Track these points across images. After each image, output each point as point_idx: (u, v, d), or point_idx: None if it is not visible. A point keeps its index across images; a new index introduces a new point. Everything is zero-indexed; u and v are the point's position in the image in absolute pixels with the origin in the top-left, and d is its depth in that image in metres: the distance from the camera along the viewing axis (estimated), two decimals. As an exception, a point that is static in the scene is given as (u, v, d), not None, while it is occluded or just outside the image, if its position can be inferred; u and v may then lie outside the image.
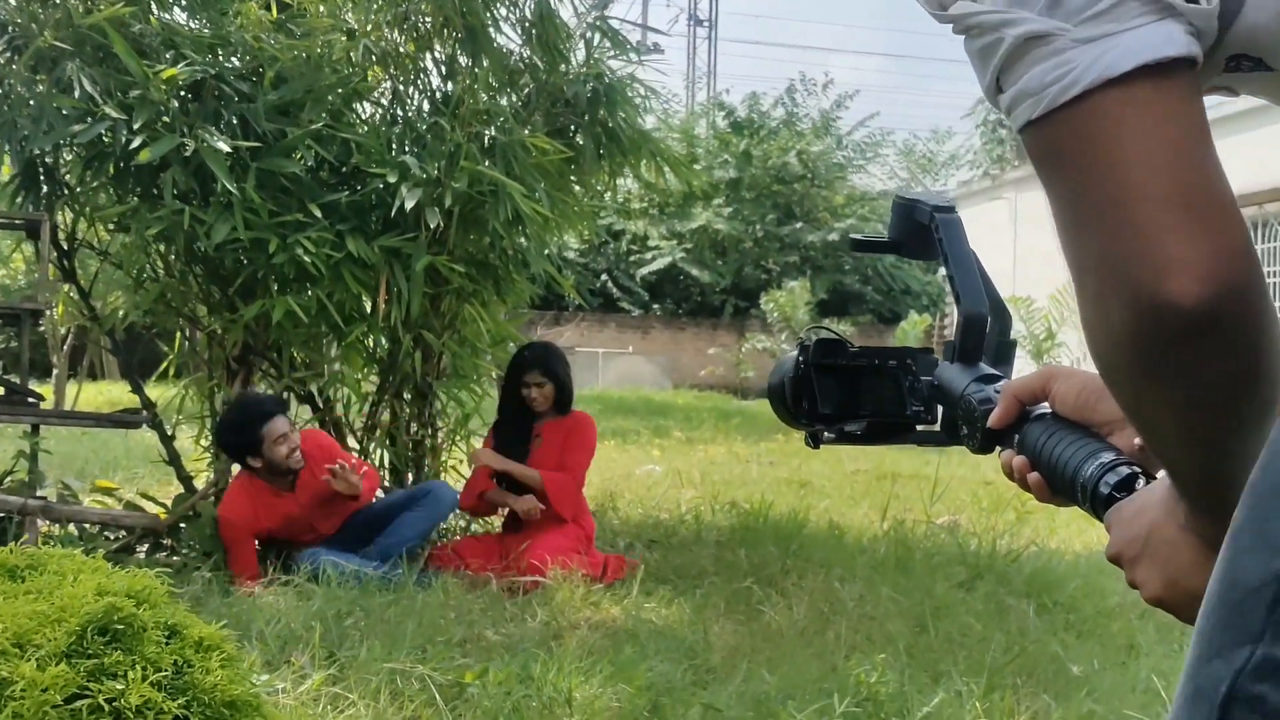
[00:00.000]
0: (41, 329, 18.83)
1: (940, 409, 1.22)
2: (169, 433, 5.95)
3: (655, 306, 28.66)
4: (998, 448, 1.11)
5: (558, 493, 5.60)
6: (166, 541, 5.53)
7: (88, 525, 5.28)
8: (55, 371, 16.09)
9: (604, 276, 28.07)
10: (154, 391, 6.33)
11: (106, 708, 1.65)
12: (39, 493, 5.53)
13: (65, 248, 5.96)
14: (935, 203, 1.21)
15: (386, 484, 6.22)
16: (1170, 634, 4.57)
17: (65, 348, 18.23)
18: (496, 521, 6.09)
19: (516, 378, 5.83)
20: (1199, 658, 0.77)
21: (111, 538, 5.40)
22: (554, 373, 5.78)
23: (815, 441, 1.28)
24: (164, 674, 1.71)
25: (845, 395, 1.25)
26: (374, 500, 5.61)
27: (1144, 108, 0.80)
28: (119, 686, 1.66)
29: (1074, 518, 7.96)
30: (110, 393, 15.28)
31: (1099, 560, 6.19)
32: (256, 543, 5.37)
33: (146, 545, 5.48)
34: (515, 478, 5.63)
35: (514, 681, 3.46)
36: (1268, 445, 0.79)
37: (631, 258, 28.52)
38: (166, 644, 1.77)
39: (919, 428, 1.24)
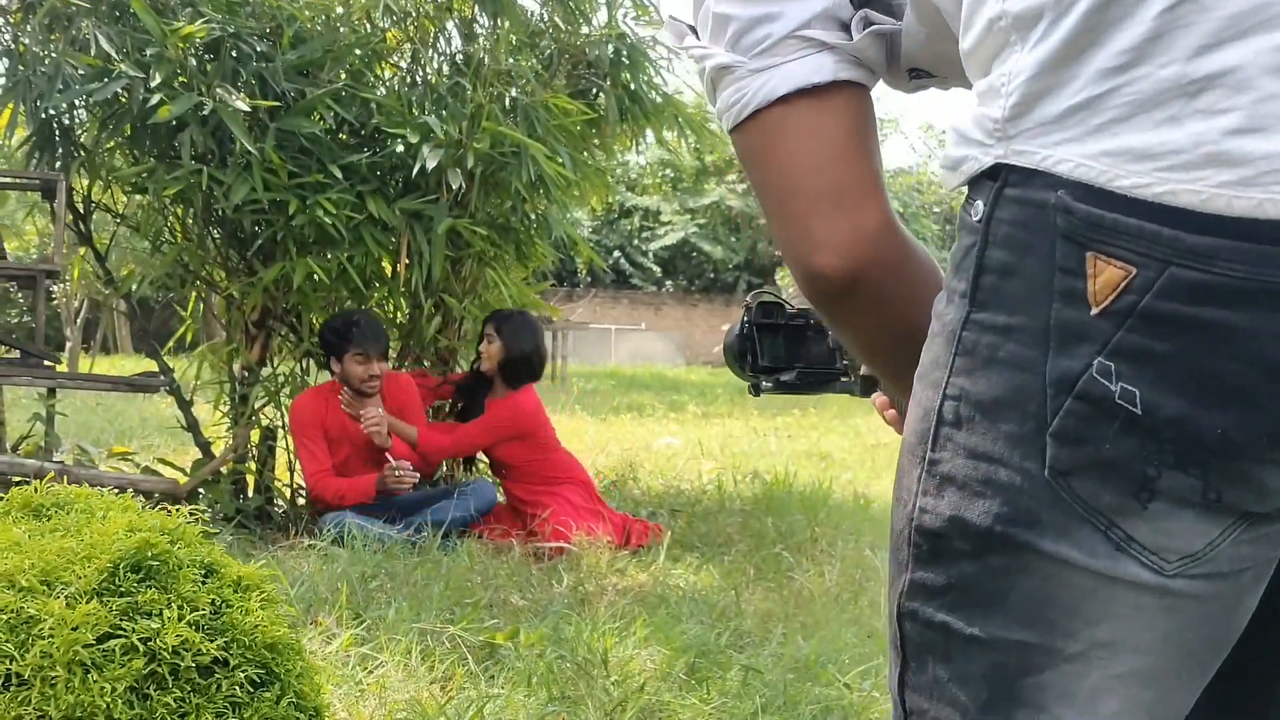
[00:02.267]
0: (55, 302, 18.81)
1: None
2: (187, 398, 5.86)
3: (668, 283, 28.57)
4: (877, 392, 1.30)
5: (425, 453, 5.48)
6: (186, 506, 5.44)
7: (105, 490, 5.20)
8: (69, 344, 16.07)
9: (616, 253, 27.96)
10: (170, 364, 6.24)
11: (141, 648, 1.55)
12: (55, 457, 5.44)
13: (81, 211, 5.86)
14: None
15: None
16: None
17: (79, 320, 18.20)
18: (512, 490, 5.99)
19: (481, 331, 5.76)
20: (888, 571, 0.98)
21: (135, 501, 5.31)
22: (502, 331, 5.63)
23: (756, 390, 1.45)
24: (201, 614, 1.62)
25: (782, 350, 1.42)
26: (414, 489, 5.56)
27: (798, 122, 1.00)
28: (154, 625, 1.57)
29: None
30: (124, 366, 15.21)
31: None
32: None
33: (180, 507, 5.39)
34: (400, 434, 5.51)
35: (545, 643, 3.37)
36: (912, 401, 0.95)
37: (644, 233, 28.41)
38: (203, 583, 1.68)
39: (843, 379, 1.41)
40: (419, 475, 5.37)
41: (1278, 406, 0.78)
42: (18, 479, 5.04)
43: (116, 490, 4.82)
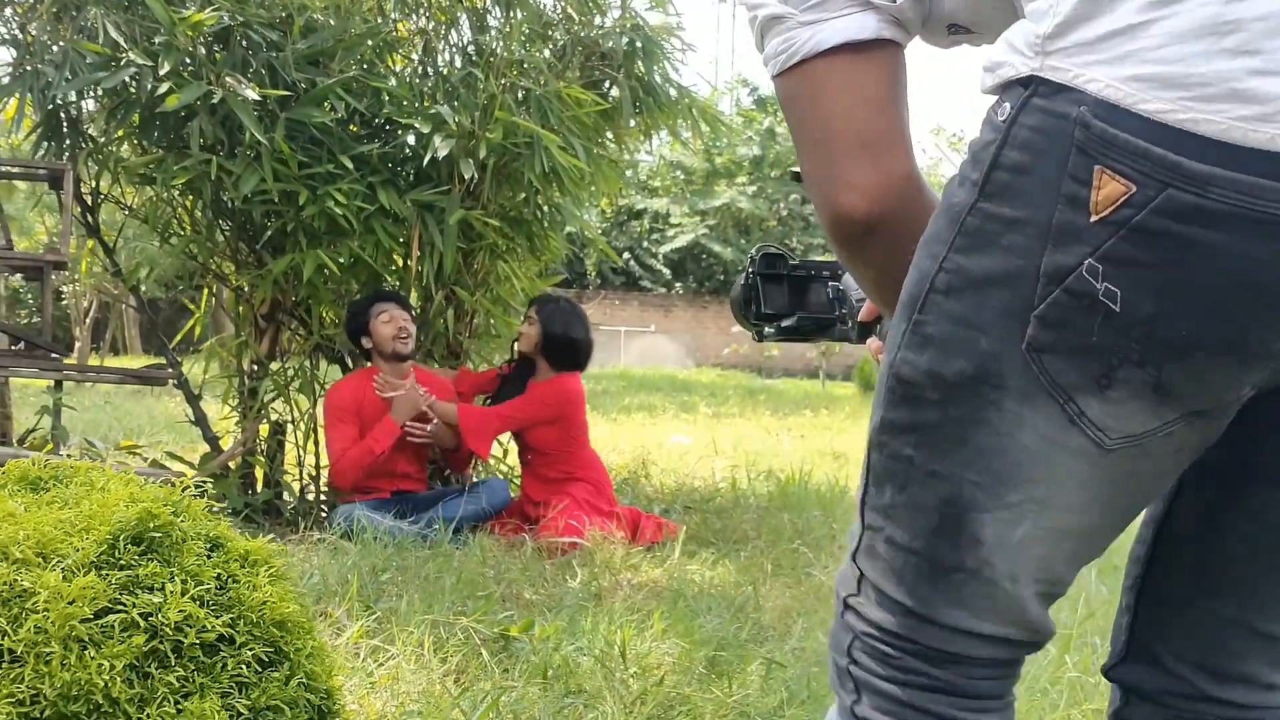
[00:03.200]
0: (65, 302, 18.76)
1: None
2: (195, 392, 5.78)
3: (678, 285, 28.48)
4: (872, 337, 1.43)
5: (468, 427, 5.35)
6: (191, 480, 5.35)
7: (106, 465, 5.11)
8: (78, 344, 16.01)
9: (626, 254, 27.89)
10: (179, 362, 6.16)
11: (142, 624, 1.47)
12: (62, 451, 5.37)
13: (89, 202, 5.79)
14: None
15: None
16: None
17: (88, 320, 18.14)
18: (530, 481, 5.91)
19: (524, 314, 5.70)
20: (873, 407, 1.11)
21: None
22: (542, 313, 5.56)
23: (760, 336, 1.57)
24: (206, 588, 1.53)
25: (784, 299, 1.51)
26: (429, 490, 5.49)
27: (839, 74, 1.10)
28: (155, 600, 1.48)
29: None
30: (133, 366, 15.17)
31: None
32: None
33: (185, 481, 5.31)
34: (442, 416, 5.43)
35: (561, 636, 3.28)
36: (912, 264, 1.06)
37: (654, 235, 28.33)
38: (209, 557, 1.59)
39: (840, 326, 1.51)
40: (432, 397, 5.29)
41: (1239, 316, 0.89)
42: (23, 472, 4.97)
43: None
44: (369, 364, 5.49)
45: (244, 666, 1.52)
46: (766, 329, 1.54)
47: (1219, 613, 1.18)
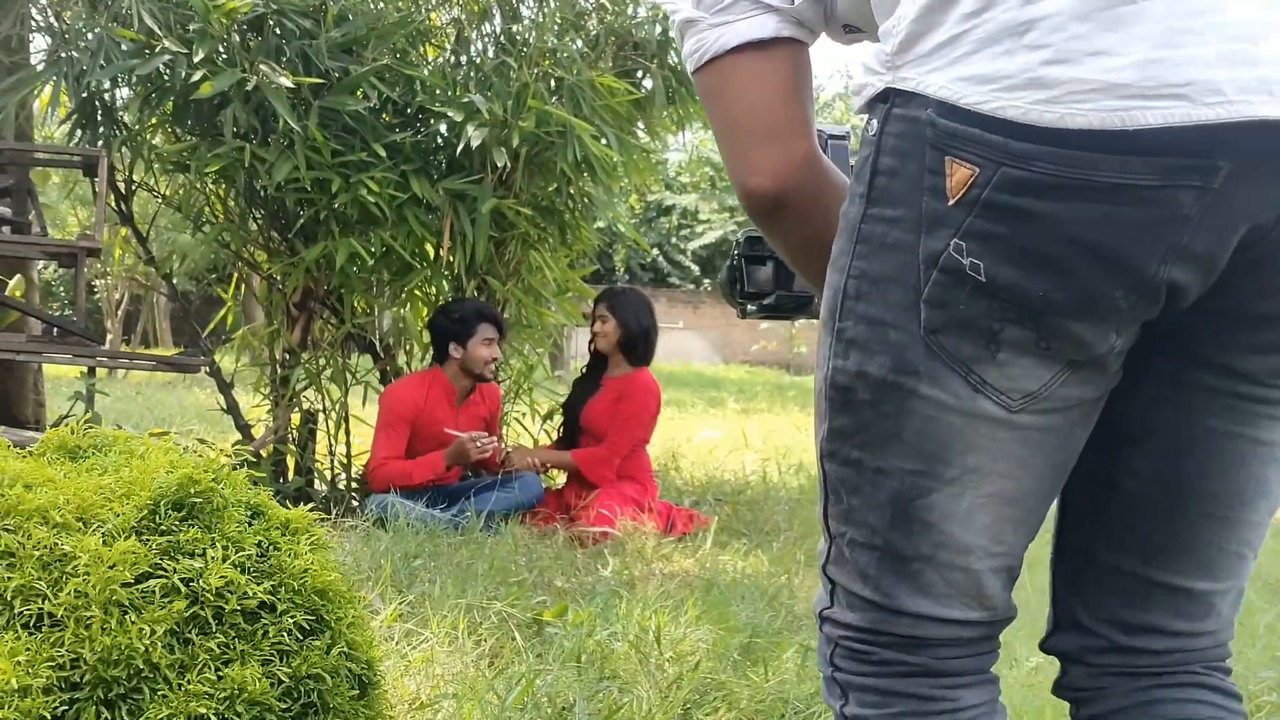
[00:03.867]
0: (97, 295, 18.87)
1: None
2: (227, 380, 5.79)
3: (706, 281, 28.44)
4: None
5: (590, 470, 5.46)
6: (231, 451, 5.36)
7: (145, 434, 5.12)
8: (109, 336, 16.10)
9: (655, 251, 27.87)
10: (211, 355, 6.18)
11: (183, 589, 1.45)
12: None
13: (122, 190, 5.80)
14: (831, 131, 1.50)
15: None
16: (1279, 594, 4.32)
17: (119, 313, 18.24)
18: (560, 478, 5.90)
19: (591, 316, 5.69)
20: (815, 425, 1.21)
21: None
22: (617, 310, 5.56)
23: (744, 313, 1.69)
24: (247, 555, 1.52)
25: (765, 279, 1.62)
26: (460, 480, 5.50)
27: (744, 69, 1.22)
28: (196, 566, 1.46)
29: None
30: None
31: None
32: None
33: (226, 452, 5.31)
34: (557, 466, 5.58)
35: (594, 621, 3.26)
36: (826, 285, 1.17)
37: (682, 232, 28.30)
38: (250, 524, 1.57)
39: (815, 304, 1.53)
40: (495, 442, 5.27)
41: (1082, 274, 1.02)
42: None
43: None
44: (436, 365, 5.48)
45: (285, 634, 1.51)
46: (750, 307, 1.66)
47: (1121, 568, 1.26)
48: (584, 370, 5.88)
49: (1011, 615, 1.22)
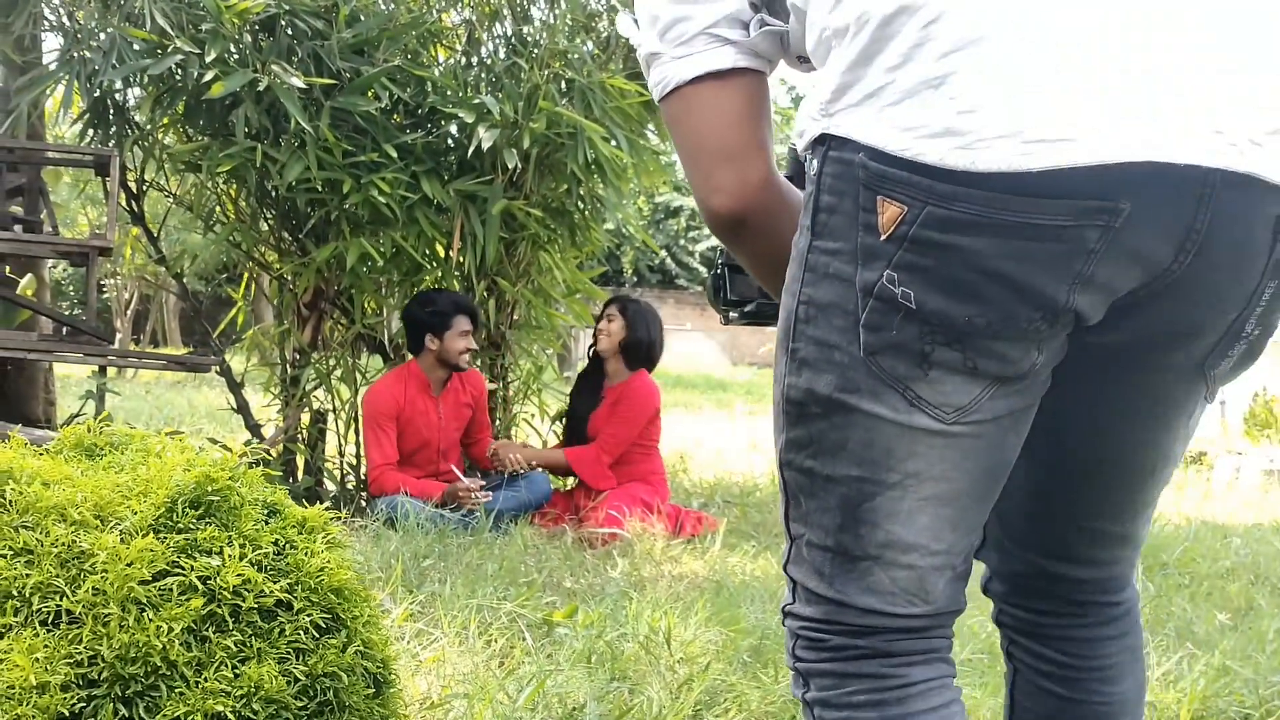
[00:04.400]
0: (106, 295, 18.90)
1: None
2: (238, 380, 5.80)
3: (715, 284, 28.39)
4: None
5: (581, 470, 5.47)
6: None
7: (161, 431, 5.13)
8: (119, 336, 16.14)
9: (663, 253, 27.86)
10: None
11: (200, 587, 1.45)
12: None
13: (134, 190, 5.82)
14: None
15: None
16: (1290, 596, 4.32)
17: (129, 313, 18.28)
18: (571, 479, 5.90)
19: (597, 320, 5.69)
20: (774, 440, 1.31)
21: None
22: (626, 311, 5.57)
23: (727, 319, 1.79)
24: (264, 553, 1.52)
25: (746, 287, 1.71)
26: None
27: (704, 98, 1.31)
28: (214, 564, 1.47)
29: (1167, 488, 7.67)
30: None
31: (1202, 527, 5.92)
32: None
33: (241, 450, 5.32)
34: (548, 466, 5.56)
35: (604, 622, 3.26)
36: (781, 308, 1.27)
37: (690, 233, 28.30)
38: (266, 523, 1.58)
39: None
40: (489, 496, 5.25)
41: (1001, 301, 1.12)
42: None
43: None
44: (410, 357, 5.48)
45: (301, 633, 1.51)
46: (731, 313, 1.76)
47: (1053, 513, 1.45)
48: (579, 378, 5.86)
49: (958, 608, 1.31)
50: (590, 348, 5.78)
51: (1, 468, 1.50)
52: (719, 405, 13.65)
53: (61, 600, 1.41)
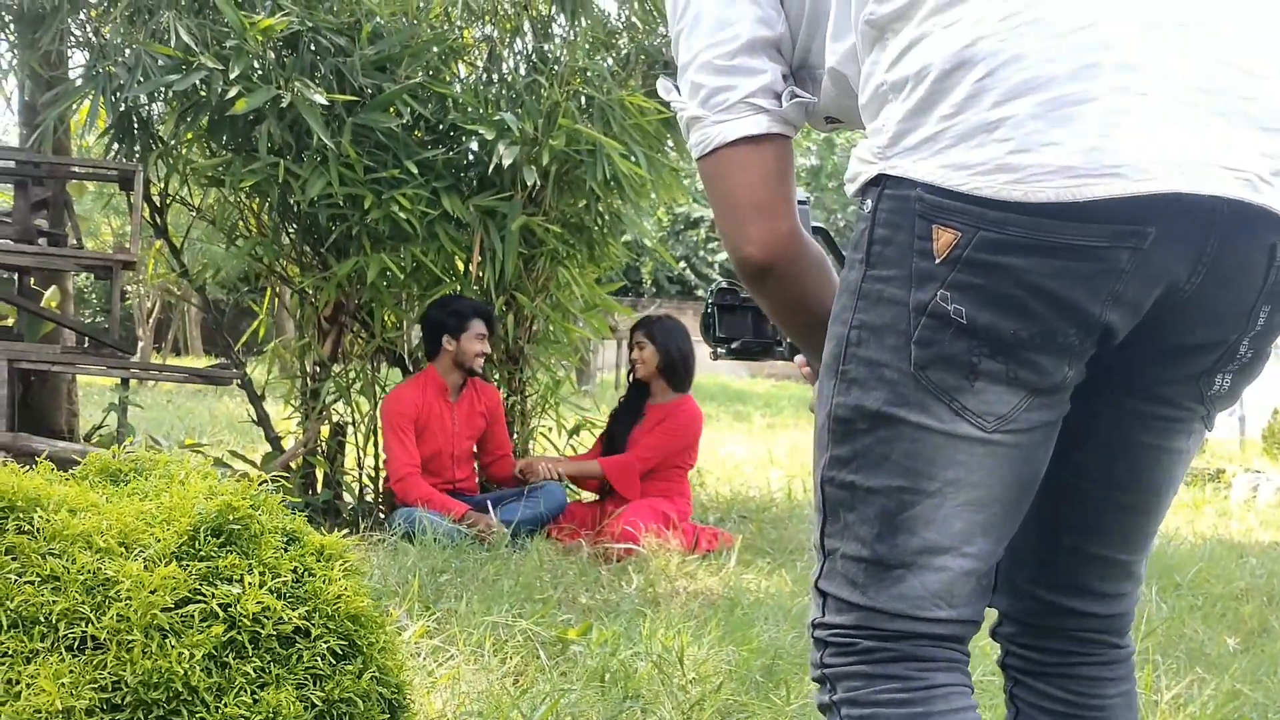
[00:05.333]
0: (128, 302, 19.02)
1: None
2: (258, 393, 5.85)
3: (734, 295, 28.38)
4: (799, 355, 1.72)
5: (616, 479, 5.52)
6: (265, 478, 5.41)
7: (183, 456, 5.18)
8: (141, 344, 16.22)
9: (682, 264, 27.88)
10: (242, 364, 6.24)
11: (221, 614, 1.49)
12: (127, 447, 5.44)
13: (158, 204, 5.88)
14: (797, 197, 1.67)
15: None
16: (1304, 618, 4.32)
17: (151, 321, 18.38)
18: (588, 495, 5.94)
19: (630, 341, 5.73)
20: (814, 458, 1.42)
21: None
22: (655, 336, 5.61)
23: (716, 355, 1.93)
24: (283, 580, 1.56)
25: (734, 325, 1.88)
26: (482, 493, 5.55)
27: (741, 159, 1.47)
28: (234, 592, 1.50)
29: (1183, 506, 7.67)
30: (196, 366, 15.34)
31: (1217, 546, 5.92)
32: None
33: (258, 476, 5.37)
34: (581, 475, 5.64)
35: (618, 640, 3.30)
36: (828, 337, 1.39)
37: (710, 244, 28.31)
38: (285, 550, 1.61)
39: (777, 348, 1.86)
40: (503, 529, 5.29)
41: (1044, 315, 1.26)
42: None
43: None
44: (429, 364, 5.53)
45: (319, 659, 1.55)
46: (719, 349, 1.91)
47: (1063, 544, 1.54)
48: (621, 401, 5.90)
49: (978, 619, 1.41)
50: (629, 373, 5.83)
51: (29, 495, 1.55)
52: (737, 418, 13.67)
53: (87, 626, 1.45)
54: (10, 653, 1.42)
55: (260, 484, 1.73)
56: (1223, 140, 1.23)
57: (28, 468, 1.67)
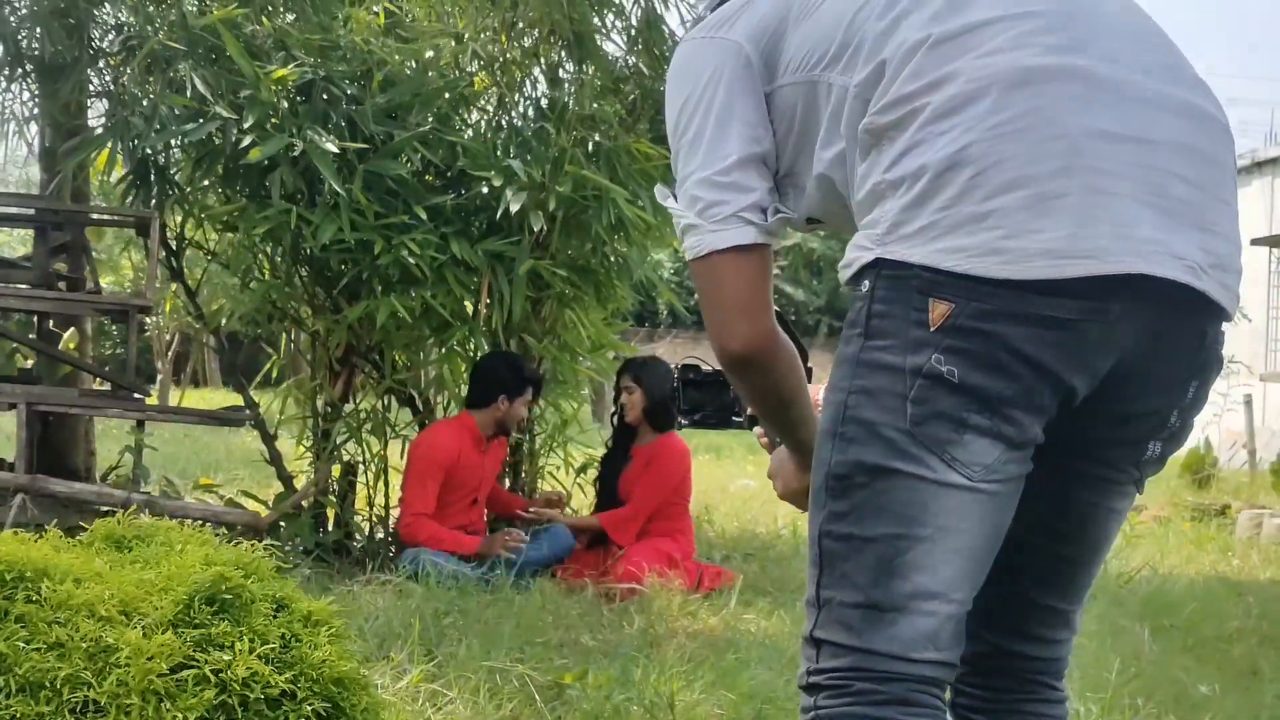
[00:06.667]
0: (147, 334, 19.26)
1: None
2: (271, 432, 5.97)
3: (750, 324, 28.46)
4: (757, 427, 1.92)
5: (615, 531, 5.61)
6: (267, 540, 5.52)
7: (189, 521, 5.30)
8: (160, 377, 16.43)
9: (697, 295, 27.93)
10: (256, 398, 6.36)
11: (213, 679, 1.60)
12: (143, 488, 5.57)
13: (174, 248, 6.02)
14: None
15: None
16: (1294, 660, 4.38)
17: (170, 354, 18.60)
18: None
19: (616, 385, 5.82)
20: (810, 517, 1.57)
21: (213, 534, 5.41)
22: (642, 380, 5.69)
23: (679, 425, 2.20)
24: (271, 647, 1.67)
25: (697, 397, 2.11)
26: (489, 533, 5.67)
27: (730, 264, 1.65)
28: (226, 658, 1.61)
29: (1186, 543, 7.72)
30: (213, 399, 15.47)
31: (1214, 585, 5.98)
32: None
33: (252, 543, 5.48)
34: (582, 529, 5.72)
35: (613, 684, 3.39)
36: (822, 409, 1.58)
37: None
38: (274, 617, 1.72)
39: (736, 418, 2.07)
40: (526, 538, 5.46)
41: (1025, 377, 1.44)
42: (106, 508, 5.18)
43: (201, 522, 4.94)
44: (465, 411, 5.67)
45: (304, 720, 1.65)
46: (683, 420, 2.14)
47: (1013, 592, 1.69)
48: (609, 443, 5.99)
49: (956, 663, 1.55)
50: (613, 415, 5.92)
51: (37, 565, 1.66)
52: (749, 449, 13.73)
53: (89, 691, 1.56)
54: (18, 716, 1.53)
55: (262, 543, 1.84)
56: (1173, 234, 1.44)
57: (40, 532, 1.79)
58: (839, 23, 1.63)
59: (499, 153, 5.82)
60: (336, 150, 5.21)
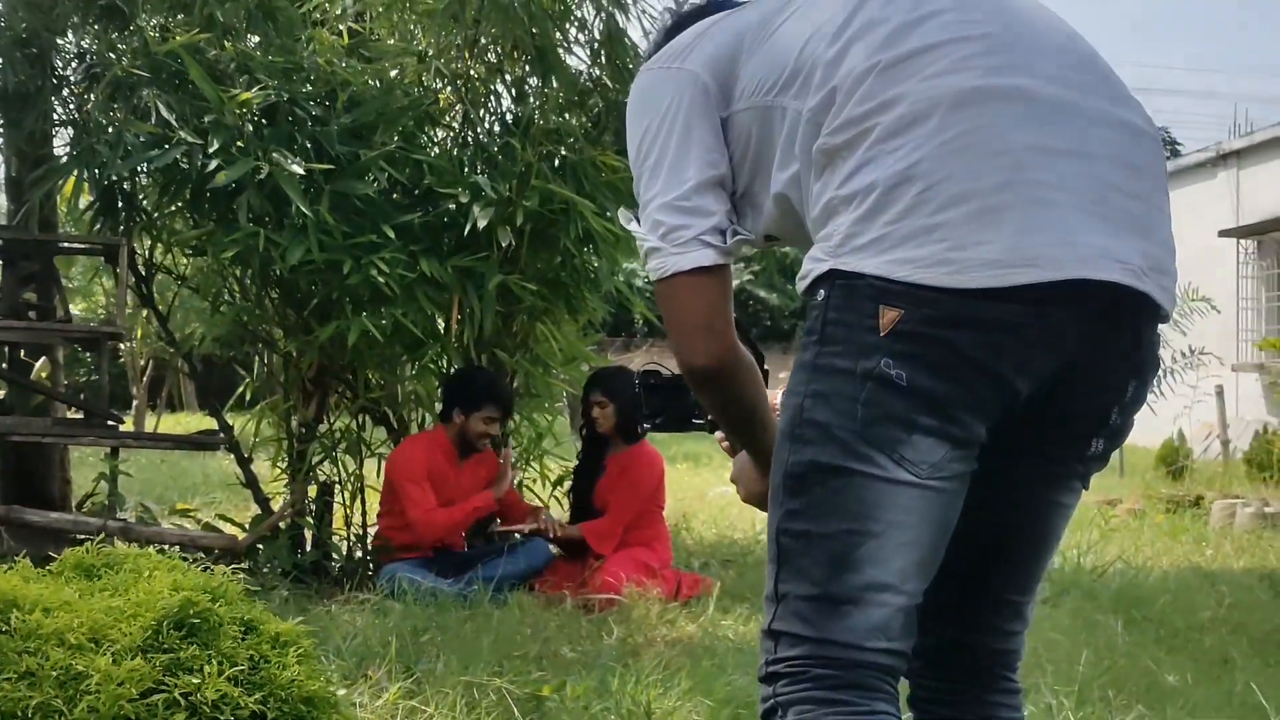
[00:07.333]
0: (121, 360, 19.19)
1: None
2: (246, 455, 5.98)
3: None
4: (719, 431, 1.99)
5: (597, 541, 5.64)
6: (244, 563, 5.54)
7: (166, 547, 5.31)
8: (135, 402, 16.38)
9: (661, 314, 27.97)
10: (231, 421, 6.37)
11: (183, 702, 1.62)
12: (119, 515, 5.57)
13: (144, 273, 6.03)
14: None
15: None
16: (1266, 648, 4.43)
17: (144, 379, 18.54)
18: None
19: (585, 398, 5.84)
20: (769, 516, 1.63)
21: (190, 559, 5.40)
22: (614, 393, 5.71)
23: (642, 430, 2.50)
24: (240, 669, 1.69)
25: (658, 403, 2.15)
26: (467, 548, 5.68)
27: (692, 284, 1.71)
28: (195, 681, 1.64)
29: (1160, 535, 7.79)
30: (189, 423, 15.46)
31: (1188, 575, 6.04)
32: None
33: (224, 567, 5.50)
34: (569, 538, 5.75)
35: (591, 696, 3.41)
36: (780, 412, 1.64)
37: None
38: (243, 639, 1.75)
39: (696, 422, 2.09)
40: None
41: (969, 379, 1.51)
42: (83, 536, 5.18)
43: (177, 547, 4.95)
44: (439, 424, 5.73)
45: (274, 741, 1.68)
46: (645, 424, 2.21)
47: (969, 586, 1.76)
48: (580, 456, 6.03)
49: (908, 651, 1.61)
50: (582, 428, 5.95)
51: (7, 596, 1.68)
52: (728, 457, 13.76)
53: (60, 719, 1.58)
54: (-11, 745, 1.55)
55: (239, 566, 1.86)
56: (1113, 240, 1.52)
57: (15, 560, 1.80)
58: (790, 51, 1.70)
59: (465, 169, 5.85)
60: (302, 172, 5.23)
